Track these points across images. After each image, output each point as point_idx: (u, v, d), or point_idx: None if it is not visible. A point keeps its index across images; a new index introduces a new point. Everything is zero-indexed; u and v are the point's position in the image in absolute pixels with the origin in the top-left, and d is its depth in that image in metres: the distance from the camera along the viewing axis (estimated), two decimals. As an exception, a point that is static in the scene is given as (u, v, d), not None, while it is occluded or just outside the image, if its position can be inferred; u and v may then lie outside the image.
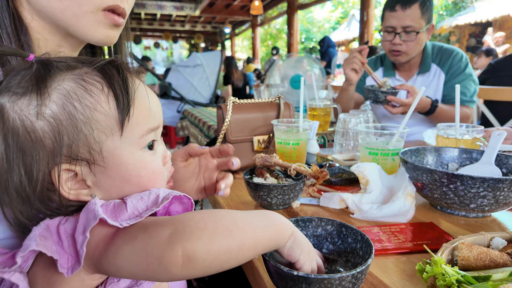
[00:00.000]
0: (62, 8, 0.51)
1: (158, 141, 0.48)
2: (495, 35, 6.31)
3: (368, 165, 0.72)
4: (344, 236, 0.49)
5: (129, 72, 0.45)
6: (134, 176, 0.43)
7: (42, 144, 0.39)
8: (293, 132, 0.94)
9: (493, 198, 0.61)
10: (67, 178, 0.41)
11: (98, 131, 0.40)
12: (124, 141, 0.42)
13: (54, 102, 0.39)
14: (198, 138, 1.96)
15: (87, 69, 0.42)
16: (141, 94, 0.44)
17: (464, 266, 0.46)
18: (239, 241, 0.36)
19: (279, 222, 0.41)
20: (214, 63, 3.25)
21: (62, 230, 0.38)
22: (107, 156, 0.41)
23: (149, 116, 0.44)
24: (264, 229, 0.39)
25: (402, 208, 0.64)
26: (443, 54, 1.54)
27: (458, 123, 0.93)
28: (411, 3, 1.40)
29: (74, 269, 0.36)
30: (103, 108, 0.40)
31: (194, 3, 10.56)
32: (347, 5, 15.55)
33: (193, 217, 0.37)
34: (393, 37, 1.45)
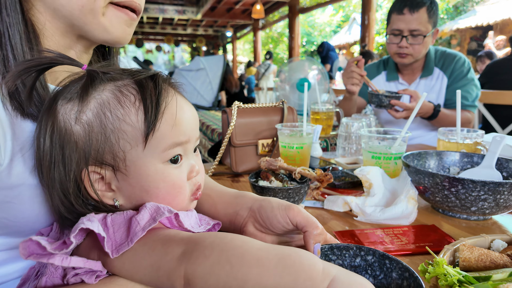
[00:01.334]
0: (80, 5, 0.52)
1: (187, 155, 0.48)
2: (496, 38, 6.34)
3: (371, 168, 0.73)
4: (387, 270, 0.42)
5: (170, 86, 0.47)
6: (152, 188, 0.45)
7: (76, 146, 0.43)
8: (297, 136, 0.96)
9: (493, 201, 0.62)
10: (94, 180, 0.44)
11: (124, 141, 0.43)
12: (146, 153, 0.44)
13: (91, 110, 0.43)
14: (202, 141, 1.98)
15: (128, 81, 0.45)
16: (172, 109, 0.45)
17: (465, 267, 0.47)
18: (240, 280, 0.33)
19: (303, 272, 0.33)
20: (217, 67, 3.28)
21: (109, 220, 0.41)
22: (130, 165, 0.44)
23: (176, 131, 0.45)
24: (277, 274, 0.33)
25: (405, 211, 0.66)
26: (446, 59, 1.56)
27: (459, 128, 0.94)
28: (419, 7, 1.42)
29: (119, 250, 0.38)
30: (131, 120, 0.43)
31: (196, 7, 10.64)
32: (348, 9, 15.62)
33: (205, 239, 0.37)
34: (400, 40, 1.47)
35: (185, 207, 0.49)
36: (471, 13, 8.83)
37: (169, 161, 0.46)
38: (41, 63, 0.43)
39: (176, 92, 0.48)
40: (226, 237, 0.37)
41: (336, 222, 0.69)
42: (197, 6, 10.60)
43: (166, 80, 0.48)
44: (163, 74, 0.49)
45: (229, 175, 1.04)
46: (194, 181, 0.50)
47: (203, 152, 1.95)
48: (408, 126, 0.85)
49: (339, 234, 0.61)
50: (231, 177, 1.03)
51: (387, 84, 1.69)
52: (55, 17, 0.54)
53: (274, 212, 0.50)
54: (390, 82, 1.68)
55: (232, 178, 1.02)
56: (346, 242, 0.58)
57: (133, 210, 0.44)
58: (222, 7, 10.63)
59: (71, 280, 0.40)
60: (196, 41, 15.94)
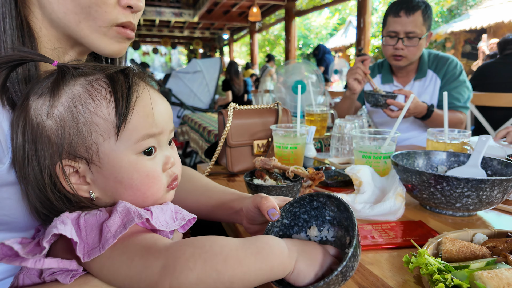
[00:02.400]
0: (77, 21, 0.54)
1: (161, 147, 0.49)
2: (490, 41, 6.42)
3: (362, 167, 0.76)
4: (336, 204, 0.50)
5: (142, 80, 0.49)
6: (126, 178, 0.46)
7: (49, 140, 0.44)
8: (291, 137, 0.99)
9: (476, 197, 0.65)
10: (69, 173, 0.45)
11: (96, 134, 0.44)
12: (119, 144, 0.45)
13: (62, 104, 0.44)
14: (199, 143, 2.00)
15: (99, 75, 0.46)
16: (144, 101, 0.46)
17: (447, 258, 0.50)
18: (227, 282, 0.37)
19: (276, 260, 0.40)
20: (213, 70, 3.31)
21: (82, 221, 0.42)
22: (103, 157, 0.45)
23: (148, 123, 0.46)
24: (257, 268, 0.39)
25: (393, 207, 0.69)
26: (439, 61, 1.62)
27: (447, 128, 0.98)
28: (414, 10, 1.46)
29: (91, 255, 0.39)
30: (102, 113, 0.44)
31: (193, 10, 10.67)
32: (344, 12, 15.74)
33: (184, 252, 0.38)
34: (396, 41, 1.51)
35: (160, 197, 0.49)
36: (465, 16, 8.94)
37: (143, 153, 0.46)
38: (11, 60, 0.44)
39: (148, 86, 0.49)
40: (204, 245, 0.39)
41: (328, 218, 0.71)
42: (194, 9, 10.63)
43: (137, 74, 0.49)
44: (134, 69, 0.49)
45: (225, 175, 1.07)
46: (170, 173, 0.50)
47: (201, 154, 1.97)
48: (397, 126, 0.88)
49: (330, 230, 0.64)
50: (227, 176, 1.05)
51: (382, 86, 1.74)
52: (52, 26, 0.55)
53: (248, 208, 0.56)
54: (385, 85, 1.73)
55: (228, 177, 1.04)
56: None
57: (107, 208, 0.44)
58: (219, 9, 10.67)
59: (47, 279, 0.41)
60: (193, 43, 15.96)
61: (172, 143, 0.54)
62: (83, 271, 0.42)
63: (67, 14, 0.53)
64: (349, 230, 0.48)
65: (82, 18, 0.54)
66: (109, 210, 0.44)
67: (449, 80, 1.59)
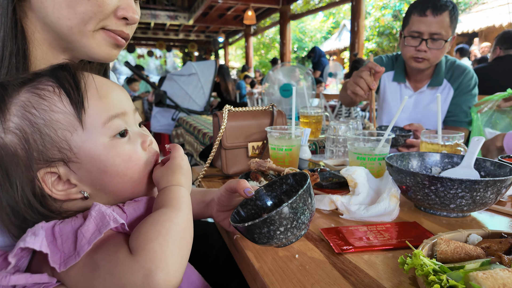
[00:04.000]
0: (69, 26, 0.54)
1: (132, 128, 0.50)
2: (481, 45, 6.51)
3: (356, 168, 0.76)
4: (302, 178, 0.58)
5: (83, 69, 0.48)
6: (109, 166, 0.45)
7: (17, 156, 0.42)
8: (286, 139, 0.98)
9: (470, 198, 0.66)
10: (52, 182, 0.44)
11: (62, 130, 0.43)
12: (88, 133, 0.44)
13: (15, 115, 0.42)
14: (194, 145, 1.99)
15: (40, 78, 0.45)
16: (93, 84, 0.46)
17: (442, 259, 0.50)
18: (189, 238, 0.43)
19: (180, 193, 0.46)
20: (208, 72, 3.31)
21: (57, 229, 0.41)
22: (78, 151, 0.44)
23: (107, 104, 0.46)
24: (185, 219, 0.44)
25: (388, 209, 0.69)
26: (455, 70, 1.50)
27: (440, 130, 0.98)
28: (442, 10, 1.33)
29: (67, 263, 0.38)
30: (58, 107, 0.43)
31: (188, 13, 10.68)
32: (338, 16, 15.87)
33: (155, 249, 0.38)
34: (419, 43, 1.38)
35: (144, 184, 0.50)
36: (457, 20, 9.06)
37: (118, 135, 0.46)
38: None
39: (91, 74, 0.49)
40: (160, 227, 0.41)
41: (323, 220, 0.71)
42: (189, 12, 10.64)
43: (76, 65, 0.48)
44: (73, 62, 0.49)
45: (220, 177, 1.06)
46: (152, 150, 0.52)
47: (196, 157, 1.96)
48: (390, 128, 0.89)
49: (325, 231, 0.64)
50: (221, 178, 1.04)
51: (392, 84, 1.59)
52: (45, 30, 0.55)
53: (220, 193, 0.60)
54: (394, 83, 1.59)
55: (223, 180, 1.04)
56: (332, 239, 0.61)
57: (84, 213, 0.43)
58: (214, 13, 10.70)
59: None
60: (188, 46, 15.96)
61: (142, 126, 0.55)
62: (57, 283, 0.40)
63: (61, 19, 0.53)
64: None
65: (74, 24, 0.54)
66: (85, 215, 0.42)
67: (462, 92, 1.48)
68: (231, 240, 0.67)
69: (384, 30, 12.42)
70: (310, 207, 0.51)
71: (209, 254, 0.90)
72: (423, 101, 1.54)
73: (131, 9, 0.57)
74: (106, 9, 0.54)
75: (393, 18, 12.29)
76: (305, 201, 0.50)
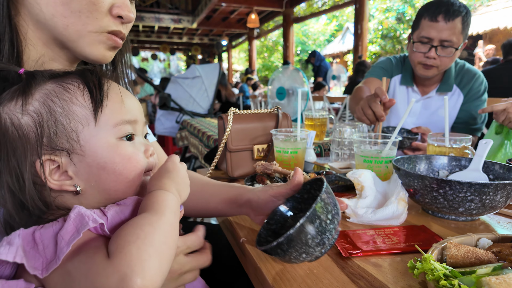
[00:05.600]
0: (65, 24, 0.53)
1: (139, 137, 0.52)
2: (486, 47, 6.48)
3: (363, 171, 0.76)
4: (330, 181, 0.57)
5: (105, 76, 0.51)
6: (108, 163, 0.47)
7: (27, 138, 0.43)
8: (291, 141, 0.98)
9: (479, 202, 0.65)
10: (51, 170, 0.45)
11: (75, 121, 0.45)
12: (99, 129, 0.46)
13: (37, 100, 0.45)
14: (198, 148, 1.99)
15: (69, 75, 0.48)
16: (115, 90, 0.49)
17: (452, 264, 0.49)
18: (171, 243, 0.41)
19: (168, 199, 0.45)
20: (212, 75, 3.32)
21: (37, 235, 0.40)
22: (84, 144, 0.45)
23: (123, 108, 0.49)
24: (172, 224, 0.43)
25: (395, 212, 0.68)
26: (464, 75, 1.44)
27: (448, 132, 0.97)
28: (455, 16, 1.26)
29: (49, 269, 0.37)
30: (78, 101, 0.46)
31: (192, 16, 10.74)
32: (341, 18, 15.89)
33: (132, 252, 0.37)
34: (428, 49, 1.31)
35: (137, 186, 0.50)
36: (461, 23, 9.03)
37: (124, 138, 0.49)
38: None
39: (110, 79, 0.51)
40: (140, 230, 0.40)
41: (330, 223, 0.70)
42: (192, 15, 10.71)
43: (104, 73, 0.51)
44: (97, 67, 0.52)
45: (225, 179, 1.06)
46: (151, 161, 0.53)
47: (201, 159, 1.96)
48: (397, 131, 0.88)
49: (332, 235, 0.63)
50: (227, 181, 1.04)
51: (399, 88, 1.55)
52: (38, 28, 0.54)
53: (259, 199, 0.60)
54: (403, 86, 1.53)
55: (228, 182, 1.03)
56: (339, 242, 0.60)
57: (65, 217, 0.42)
58: (218, 16, 10.75)
59: None
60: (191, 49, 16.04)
61: (148, 139, 0.56)
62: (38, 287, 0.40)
63: (55, 17, 0.52)
64: None
65: (70, 22, 0.53)
66: (65, 218, 0.42)
67: (472, 97, 1.43)
68: (237, 243, 0.67)
69: (388, 33, 12.41)
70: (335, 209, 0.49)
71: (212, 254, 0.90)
72: (431, 107, 1.50)
73: (126, 7, 0.57)
74: (101, 7, 0.54)
75: (396, 20, 12.28)
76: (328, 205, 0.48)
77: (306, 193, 0.58)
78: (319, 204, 0.46)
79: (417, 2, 11.56)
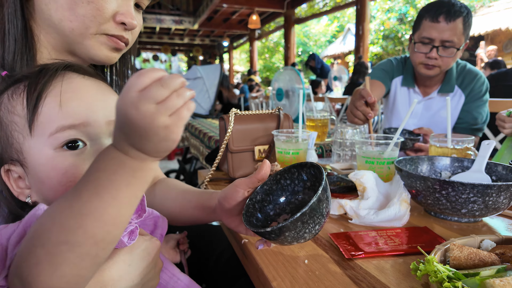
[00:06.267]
0: (71, 28, 0.55)
1: (96, 141, 0.44)
2: (487, 48, 6.47)
3: (365, 172, 0.76)
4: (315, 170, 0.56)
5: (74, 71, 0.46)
6: (45, 178, 0.42)
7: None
8: (293, 142, 0.98)
9: (482, 203, 0.64)
10: (15, 178, 0.45)
11: (17, 133, 0.43)
12: (35, 140, 0.42)
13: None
14: (199, 149, 1.99)
15: (26, 79, 0.44)
16: (54, 91, 0.43)
17: (456, 265, 0.49)
18: (77, 239, 0.31)
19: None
20: (213, 76, 3.32)
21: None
22: (26, 156, 0.43)
23: (64, 113, 0.42)
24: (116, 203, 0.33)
25: (398, 214, 0.68)
26: (466, 76, 1.45)
27: (450, 133, 0.97)
28: (456, 16, 1.27)
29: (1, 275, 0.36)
30: (17, 110, 0.43)
31: (193, 17, 10.76)
32: (342, 19, 15.88)
33: (22, 253, 0.33)
34: (430, 50, 1.32)
35: None
36: (462, 23, 9.02)
37: (65, 147, 0.42)
38: None
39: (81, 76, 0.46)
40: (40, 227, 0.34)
41: (332, 224, 0.70)
42: (194, 16, 10.72)
43: (69, 66, 0.46)
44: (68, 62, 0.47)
45: (226, 180, 1.06)
46: None
47: (202, 160, 1.96)
48: (400, 131, 0.88)
49: (334, 236, 0.63)
50: (228, 182, 1.04)
51: (401, 89, 1.56)
52: (48, 32, 0.57)
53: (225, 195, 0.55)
54: (404, 87, 1.54)
55: (229, 183, 1.03)
56: (341, 244, 0.60)
57: None
58: (219, 17, 10.77)
59: None
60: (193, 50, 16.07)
61: None
62: None
63: (63, 21, 0.55)
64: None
65: (75, 26, 0.55)
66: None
67: (473, 98, 1.43)
68: (239, 244, 0.67)
69: (389, 34, 12.40)
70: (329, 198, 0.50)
71: (211, 254, 0.90)
72: (433, 108, 1.50)
73: (129, 15, 0.58)
74: (104, 13, 0.56)
75: (398, 21, 12.27)
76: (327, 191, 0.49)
77: (275, 184, 0.58)
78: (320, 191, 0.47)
79: (419, 3, 11.55)
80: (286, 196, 0.58)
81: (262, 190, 0.57)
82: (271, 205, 0.57)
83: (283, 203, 0.58)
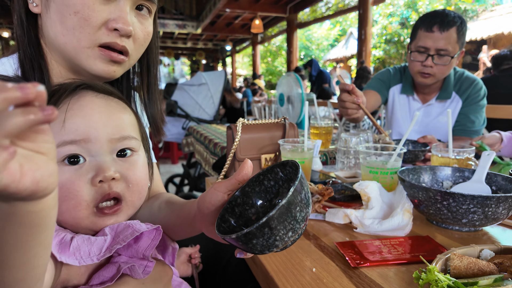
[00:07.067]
0: (64, 42, 0.55)
1: (95, 157, 0.45)
2: (490, 52, 6.49)
3: (369, 183, 0.78)
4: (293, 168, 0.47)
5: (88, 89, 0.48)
6: None
7: None
8: (298, 152, 1.01)
9: (482, 213, 0.67)
10: None
11: None
12: None
13: None
14: (203, 155, 2.03)
15: None
16: (65, 108, 0.45)
17: (456, 275, 0.52)
18: None
19: None
20: (218, 82, 3.37)
21: None
22: None
23: (66, 129, 0.44)
24: None
25: (401, 223, 0.71)
26: (463, 82, 1.51)
27: (451, 143, 1.00)
28: (449, 26, 1.33)
29: None
30: None
31: (196, 22, 10.86)
32: (345, 24, 15.95)
33: None
34: (425, 58, 1.38)
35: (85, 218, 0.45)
36: (465, 28, 9.04)
37: (66, 161, 0.44)
38: None
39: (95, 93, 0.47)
40: None
41: (337, 233, 0.73)
42: (197, 21, 10.82)
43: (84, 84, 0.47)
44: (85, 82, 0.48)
45: (233, 188, 1.09)
46: (102, 188, 0.45)
47: (204, 166, 1.99)
48: (403, 142, 0.91)
49: (340, 245, 0.66)
50: (235, 190, 1.07)
51: (399, 96, 1.62)
52: (51, 49, 0.58)
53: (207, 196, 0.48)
54: (403, 95, 1.60)
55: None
56: (347, 253, 0.63)
57: None
58: (222, 21, 10.85)
59: None
60: (196, 54, 16.17)
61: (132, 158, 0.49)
62: None
63: (57, 36, 0.55)
64: None
65: (68, 40, 0.55)
66: None
67: (470, 102, 1.49)
68: (248, 252, 0.69)
69: (392, 38, 12.43)
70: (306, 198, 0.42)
71: (219, 265, 0.92)
72: (432, 113, 1.55)
73: (121, 20, 0.56)
74: (92, 22, 0.54)
75: (400, 25, 12.30)
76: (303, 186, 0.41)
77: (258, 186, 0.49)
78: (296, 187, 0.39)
79: (421, 7, 11.59)
80: (271, 198, 0.49)
81: (244, 193, 0.48)
82: (253, 209, 0.49)
83: (266, 206, 0.50)
